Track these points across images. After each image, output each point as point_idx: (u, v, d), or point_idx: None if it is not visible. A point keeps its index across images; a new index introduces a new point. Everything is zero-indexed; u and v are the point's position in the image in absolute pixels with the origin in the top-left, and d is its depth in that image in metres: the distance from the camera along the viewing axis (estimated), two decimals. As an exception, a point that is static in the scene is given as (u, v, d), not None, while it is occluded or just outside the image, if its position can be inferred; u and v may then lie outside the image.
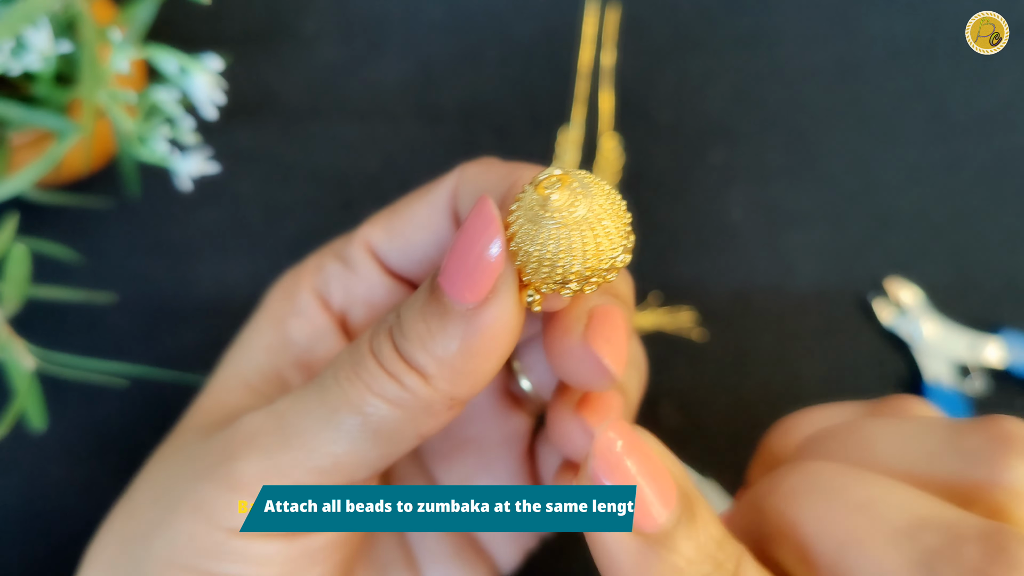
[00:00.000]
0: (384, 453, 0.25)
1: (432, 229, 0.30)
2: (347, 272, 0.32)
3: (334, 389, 0.25)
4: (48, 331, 0.51)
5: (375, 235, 0.32)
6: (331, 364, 0.26)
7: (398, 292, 0.32)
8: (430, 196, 0.30)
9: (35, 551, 0.50)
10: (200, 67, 0.38)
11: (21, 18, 0.34)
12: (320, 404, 0.25)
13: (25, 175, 0.37)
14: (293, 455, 0.25)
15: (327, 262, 0.33)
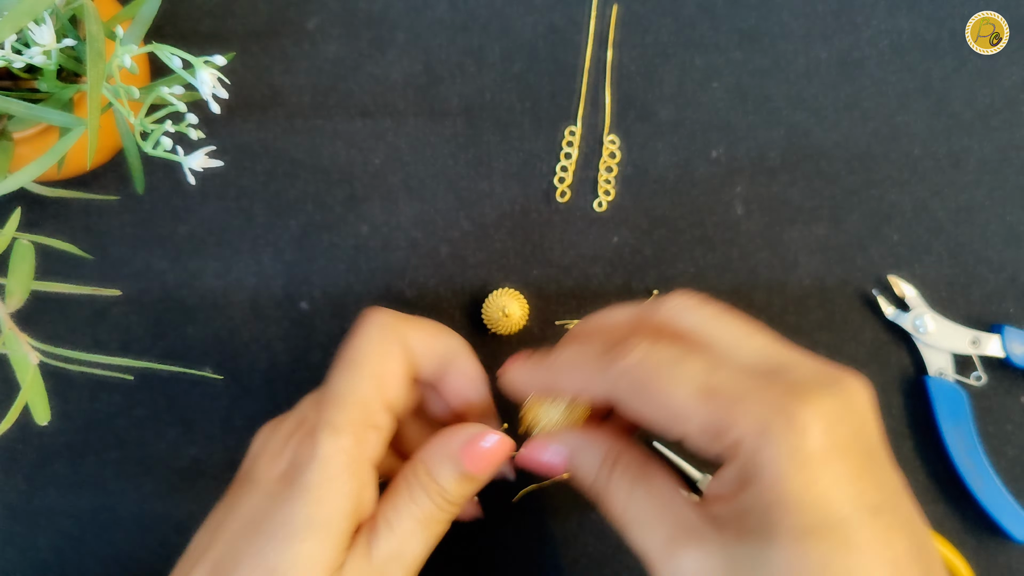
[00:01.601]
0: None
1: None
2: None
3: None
4: (53, 325, 0.52)
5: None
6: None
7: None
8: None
9: (38, 547, 0.51)
10: (204, 62, 0.39)
11: (25, 13, 0.34)
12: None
13: (29, 170, 0.37)
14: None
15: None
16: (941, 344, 0.52)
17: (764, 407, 0.30)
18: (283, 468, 0.36)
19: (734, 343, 0.34)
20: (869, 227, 0.54)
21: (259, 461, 0.37)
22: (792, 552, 0.29)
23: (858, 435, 0.31)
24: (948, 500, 0.52)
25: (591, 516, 0.51)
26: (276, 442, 0.38)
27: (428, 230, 0.53)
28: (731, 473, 0.31)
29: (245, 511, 0.36)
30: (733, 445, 0.31)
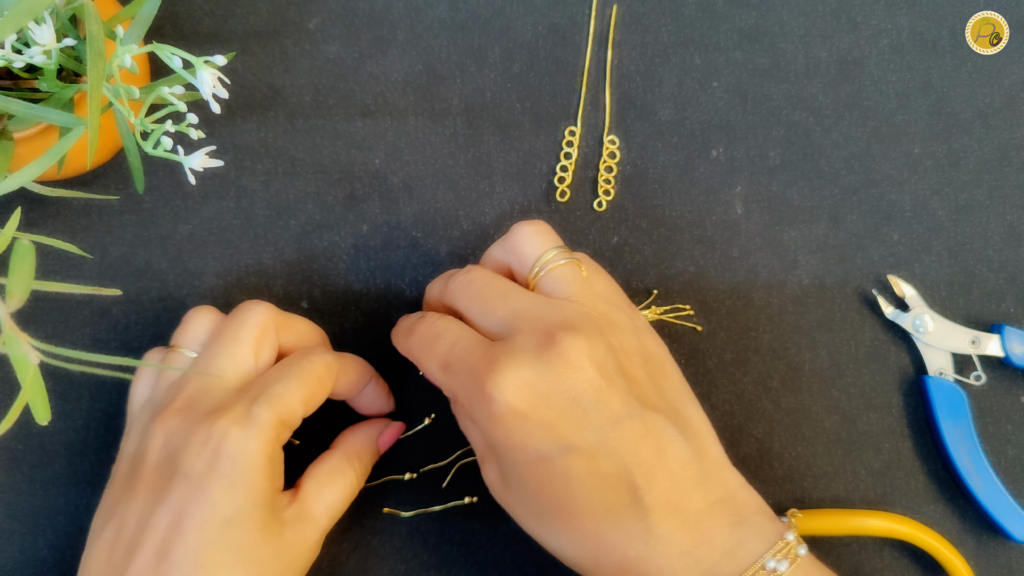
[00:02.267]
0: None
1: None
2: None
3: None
4: (53, 325, 0.52)
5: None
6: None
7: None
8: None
9: (37, 547, 0.51)
10: (205, 62, 0.39)
11: (25, 12, 0.34)
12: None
13: (29, 169, 0.37)
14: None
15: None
16: (941, 344, 0.52)
17: (469, 379, 0.40)
18: (212, 456, 0.39)
19: (484, 313, 0.43)
20: (869, 226, 0.54)
21: (183, 453, 0.39)
22: (519, 472, 0.40)
23: (558, 387, 0.38)
24: (948, 500, 0.52)
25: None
26: (199, 432, 0.39)
27: (428, 230, 0.53)
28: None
29: (176, 503, 0.38)
30: (461, 406, 0.42)
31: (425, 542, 0.51)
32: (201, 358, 0.44)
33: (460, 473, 0.51)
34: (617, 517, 0.37)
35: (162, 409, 0.41)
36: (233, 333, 0.44)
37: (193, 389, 0.42)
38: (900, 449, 0.53)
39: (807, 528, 0.50)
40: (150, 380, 0.46)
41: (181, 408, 0.41)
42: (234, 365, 0.43)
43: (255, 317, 0.44)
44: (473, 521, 0.51)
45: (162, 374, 0.45)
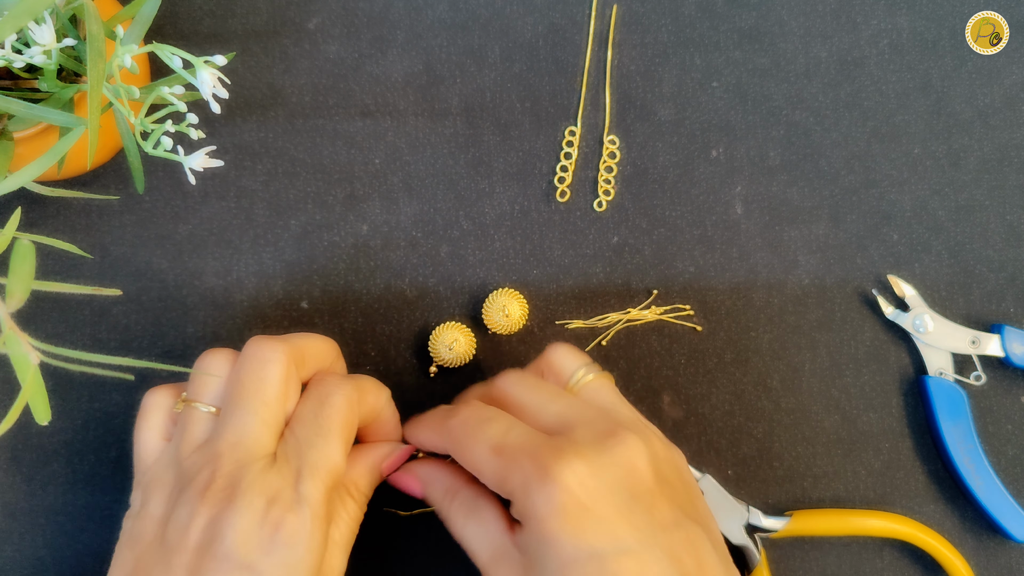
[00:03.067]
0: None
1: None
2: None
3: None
4: (53, 325, 0.52)
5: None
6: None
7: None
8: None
9: (36, 546, 0.51)
10: (205, 62, 0.39)
11: (25, 12, 0.34)
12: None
13: (29, 169, 0.37)
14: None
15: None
16: (941, 344, 0.52)
17: (531, 465, 0.38)
18: (265, 549, 0.38)
19: (539, 406, 0.42)
20: (869, 226, 0.54)
21: (232, 540, 0.38)
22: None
23: (619, 484, 0.38)
24: (948, 500, 0.52)
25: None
26: (244, 520, 0.38)
27: (428, 230, 0.53)
28: (515, 512, 0.40)
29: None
30: (510, 493, 0.39)
31: (425, 542, 0.51)
32: (230, 426, 0.41)
33: (460, 473, 0.51)
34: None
35: (202, 489, 0.39)
36: (256, 393, 0.41)
37: (232, 464, 0.39)
38: (900, 449, 0.53)
39: (807, 528, 0.50)
40: (161, 427, 0.43)
41: (224, 489, 0.39)
42: (268, 431, 0.41)
43: (275, 370, 0.42)
44: (473, 521, 0.51)
45: (183, 431, 0.42)
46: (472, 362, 0.53)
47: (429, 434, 0.46)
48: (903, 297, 0.53)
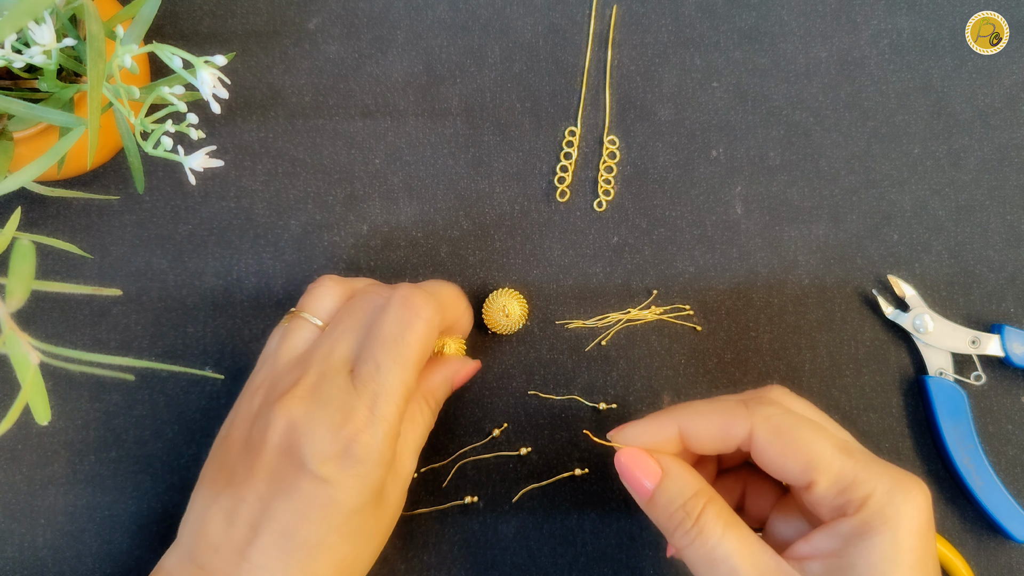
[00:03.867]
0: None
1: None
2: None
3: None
4: (53, 325, 0.52)
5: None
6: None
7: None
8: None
9: (36, 546, 0.51)
10: (205, 62, 0.39)
11: (25, 13, 0.34)
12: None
13: (29, 169, 0.37)
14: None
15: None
16: (941, 344, 0.52)
17: (895, 471, 0.37)
18: (341, 460, 0.40)
19: (831, 427, 0.41)
20: (869, 227, 0.54)
21: (312, 451, 0.40)
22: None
23: (931, 526, 0.37)
24: (948, 500, 0.52)
25: (590, 515, 0.51)
26: (327, 435, 0.40)
27: (428, 230, 0.53)
28: (844, 528, 0.37)
29: (305, 495, 0.40)
30: (862, 499, 0.37)
31: (425, 542, 0.51)
32: (328, 342, 0.43)
33: (460, 473, 0.51)
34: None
35: (283, 393, 0.41)
36: (398, 342, 0.43)
37: (316, 375, 0.42)
38: (900, 449, 0.53)
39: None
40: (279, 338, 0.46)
41: (304, 396, 0.41)
42: (407, 377, 0.43)
43: (421, 328, 0.43)
44: (473, 521, 0.51)
45: (285, 339, 0.45)
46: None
47: (717, 421, 0.41)
48: (903, 297, 0.53)
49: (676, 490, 0.40)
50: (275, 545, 0.39)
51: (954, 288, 0.54)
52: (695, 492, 0.39)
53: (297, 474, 0.40)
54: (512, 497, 0.51)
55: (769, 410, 0.40)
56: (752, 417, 0.40)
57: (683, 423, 0.41)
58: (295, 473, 0.40)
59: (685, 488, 0.40)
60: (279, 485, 0.40)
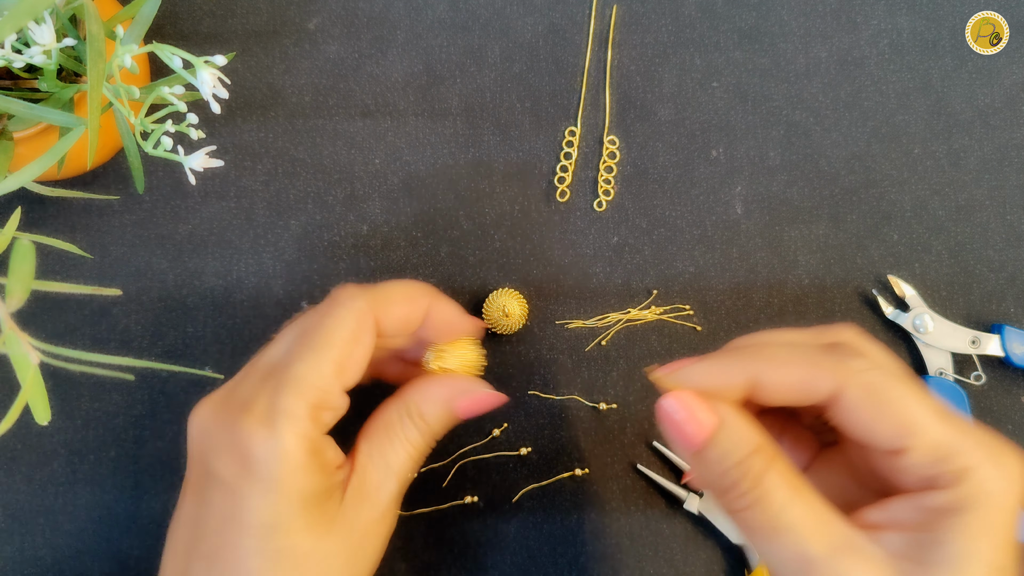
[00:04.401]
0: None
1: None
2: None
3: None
4: (53, 325, 0.52)
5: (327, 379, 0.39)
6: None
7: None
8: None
9: (36, 545, 0.51)
10: (205, 62, 0.39)
11: (25, 13, 0.34)
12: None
13: (29, 169, 0.37)
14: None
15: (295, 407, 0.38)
16: (941, 344, 0.52)
17: (991, 442, 0.33)
18: (241, 462, 0.35)
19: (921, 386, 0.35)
20: (869, 227, 0.54)
21: (214, 456, 0.36)
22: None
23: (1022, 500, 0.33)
24: (948, 500, 0.52)
25: (590, 515, 0.51)
26: (226, 434, 0.36)
27: (428, 230, 0.53)
28: (935, 501, 0.32)
29: (218, 509, 0.36)
30: (959, 471, 0.32)
31: (425, 542, 0.51)
32: (268, 351, 0.40)
33: (460, 473, 0.51)
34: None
35: (203, 398, 0.39)
36: (315, 331, 0.39)
37: (239, 377, 0.39)
38: (900, 449, 0.53)
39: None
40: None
41: (216, 400, 0.38)
42: (318, 365, 0.38)
43: (342, 314, 0.39)
44: (473, 521, 0.51)
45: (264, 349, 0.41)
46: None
47: (795, 373, 0.35)
48: (903, 297, 0.53)
49: (733, 444, 0.34)
50: (204, 573, 0.36)
51: (954, 288, 0.54)
52: (755, 447, 0.34)
53: (208, 484, 0.36)
54: (512, 497, 0.51)
55: (860, 364, 0.34)
56: (841, 372, 0.34)
57: (758, 372, 0.35)
58: (206, 483, 0.36)
59: (744, 442, 0.34)
60: (199, 499, 0.37)
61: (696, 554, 0.51)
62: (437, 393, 0.41)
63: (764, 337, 0.39)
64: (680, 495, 0.51)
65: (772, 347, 0.37)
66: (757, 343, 0.39)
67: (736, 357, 0.36)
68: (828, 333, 0.38)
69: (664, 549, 0.51)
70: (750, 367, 0.35)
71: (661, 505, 0.51)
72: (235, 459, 0.36)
